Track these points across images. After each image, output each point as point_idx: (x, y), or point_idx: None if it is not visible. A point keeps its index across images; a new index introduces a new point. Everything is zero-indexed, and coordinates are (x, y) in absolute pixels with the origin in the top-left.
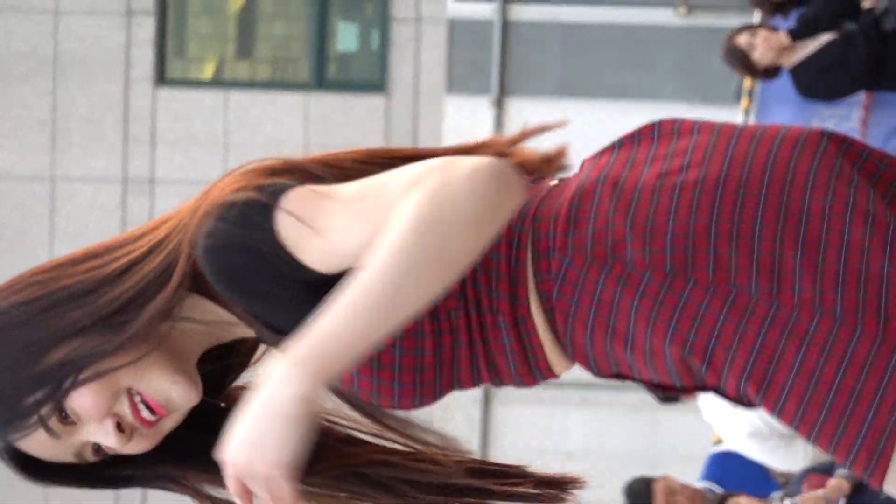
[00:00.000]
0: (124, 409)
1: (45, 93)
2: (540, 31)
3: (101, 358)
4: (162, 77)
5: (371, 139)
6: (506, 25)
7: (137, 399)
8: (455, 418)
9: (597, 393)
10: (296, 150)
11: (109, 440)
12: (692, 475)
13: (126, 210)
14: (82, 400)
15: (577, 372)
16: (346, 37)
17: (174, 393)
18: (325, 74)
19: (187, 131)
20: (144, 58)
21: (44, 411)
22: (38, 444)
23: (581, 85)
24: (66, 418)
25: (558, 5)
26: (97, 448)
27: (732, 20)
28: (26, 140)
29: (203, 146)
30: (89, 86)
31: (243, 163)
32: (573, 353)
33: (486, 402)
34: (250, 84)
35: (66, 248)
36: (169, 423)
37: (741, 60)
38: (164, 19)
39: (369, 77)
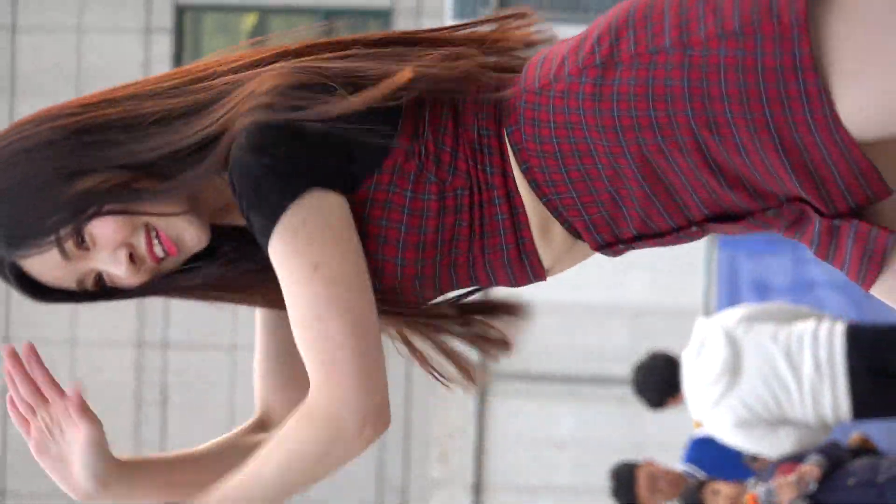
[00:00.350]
0: (140, 241)
1: None
2: None
3: (134, 199)
4: None
5: None
6: None
7: (153, 235)
8: (451, 409)
9: (584, 387)
10: None
11: (120, 269)
12: (674, 462)
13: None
14: (104, 228)
15: (567, 365)
16: None
17: (188, 235)
18: None
19: None
20: (162, 72)
21: (63, 232)
22: (43, 265)
23: None
24: (81, 243)
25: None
26: (98, 278)
27: None
28: None
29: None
30: None
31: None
32: (564, 218)
33: (482, 394)
34: None
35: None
36: (170, 264)
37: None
38: (180, 37)
39: None
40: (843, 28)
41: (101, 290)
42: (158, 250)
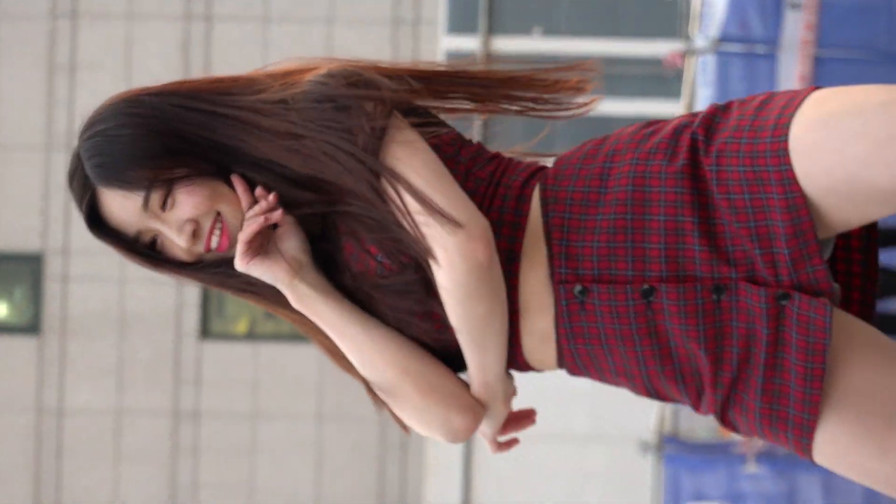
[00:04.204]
0: (207, 223)
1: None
2: None
3: (219, 182)
4: (205, 332)
5: None
6: None
7: (218, 224)
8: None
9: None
10: (312, 383)
11: (182, 240)
12: None
13: (178, 437)
14: (191, 196)
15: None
16: None
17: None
18: None
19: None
20: (191, 316)
21: (157, 183)
22: (121, 206)
23: None
24: (164, 203)
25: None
26: (153, 240)
27: None
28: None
29: (238, 387)
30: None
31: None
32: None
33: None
34: (275, 337)
35: (131, 471)
36: (213, 256)
37: None
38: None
39: None
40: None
41: (149, 252)
42: (214, 240)
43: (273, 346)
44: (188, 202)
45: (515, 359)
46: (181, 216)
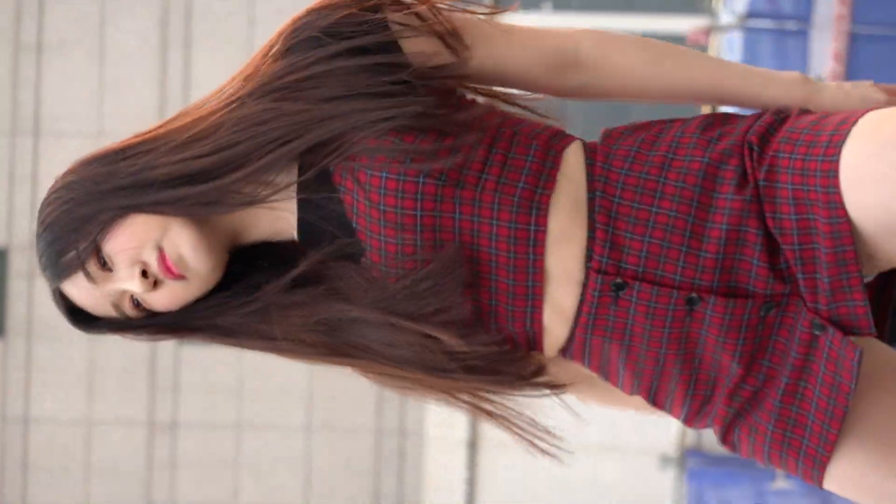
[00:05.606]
0: (152, 259)
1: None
2: None
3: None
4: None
5: None
6: None
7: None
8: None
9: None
10: (301, 391)
11: (134, 284)
12: None
13: (154, 450)
14: (115, 241)
15: None
16: None
17: (184, 250)
18: None
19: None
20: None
21: (82, 249)
22: (78, 289)
23: None
24: (103, 264)
25: None
26: (137, 303)
27: None
28: None
29: (219, 395)
30: None
31: None
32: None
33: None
34: None
35: (102, 487)
36: (192, 290)
37: None
38: None
39: None
40: None
41: (143, 319)
42: (171, 265)
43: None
44: (116, 249)
45: (534, 317)
46: (122, 267)
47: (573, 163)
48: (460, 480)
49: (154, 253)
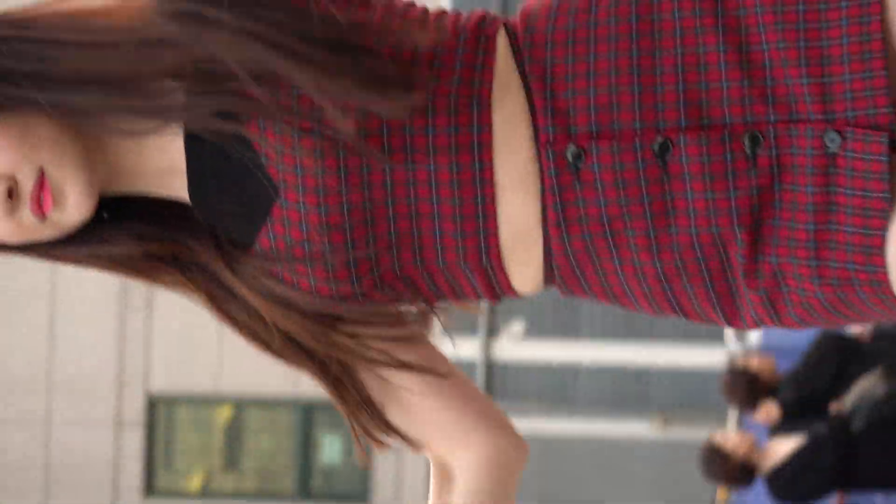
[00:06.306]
0: (28, 182)
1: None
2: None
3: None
4: (150, 488)
5: None
6: None
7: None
8: None
9: None
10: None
11: None
12: None
13: None
14: None
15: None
16: (330, 450)
17: (73, 203)
18: (309, 486)
19: None
20: (132, 468)
21: None
22: None
23: (561, 494)
24: None
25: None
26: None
27: (707, 433)
28: None
29: None
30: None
31: None
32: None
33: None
34: (236, 495)
35: None
36: (41, 235)
37: (719, 461)
38: (152, 433)
39: (352, 488)
40: None
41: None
42: (42, 201)
43: None
44: None
45: (489, 255)
46: None
47: (500, 44)
48: None
49: (33, 175)
